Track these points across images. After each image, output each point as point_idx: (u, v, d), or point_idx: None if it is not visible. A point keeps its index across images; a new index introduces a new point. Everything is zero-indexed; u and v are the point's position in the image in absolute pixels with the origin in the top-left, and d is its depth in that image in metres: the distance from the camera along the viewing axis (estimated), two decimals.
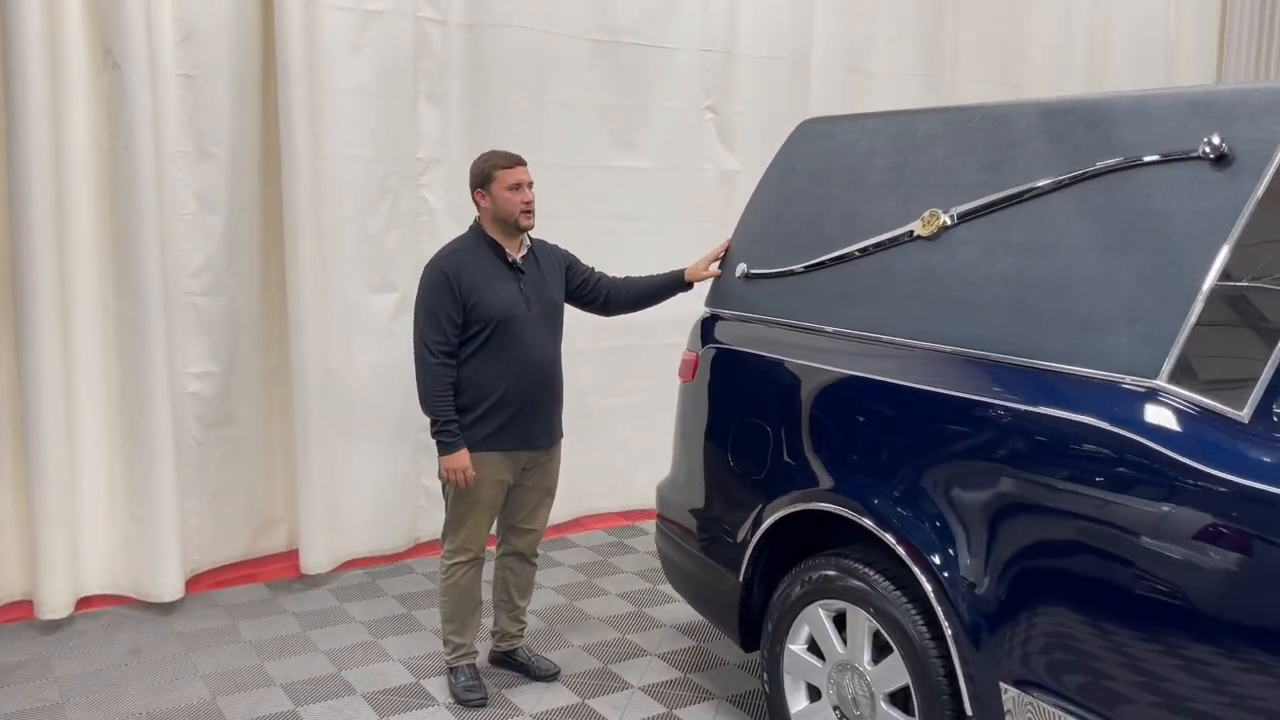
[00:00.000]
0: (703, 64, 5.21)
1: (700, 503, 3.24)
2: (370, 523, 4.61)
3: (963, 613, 2.34)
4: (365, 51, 4.32)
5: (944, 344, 2.52)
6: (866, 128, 2.97)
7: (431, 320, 3.16)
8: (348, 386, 4.46)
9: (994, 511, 2.30)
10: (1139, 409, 2.09)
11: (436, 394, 3.17)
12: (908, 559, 2.46)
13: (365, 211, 4.42)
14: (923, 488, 2.46)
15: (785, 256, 3.07)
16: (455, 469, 3.19)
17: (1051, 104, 2.50)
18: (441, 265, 3.19)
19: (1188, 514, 1.96)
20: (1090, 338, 2.24)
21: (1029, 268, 2.39)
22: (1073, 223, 2.35)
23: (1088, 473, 2.13)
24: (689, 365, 3.33)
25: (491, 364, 3.19)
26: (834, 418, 2.72)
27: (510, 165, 3.21)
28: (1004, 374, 2.35)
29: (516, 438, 3.27)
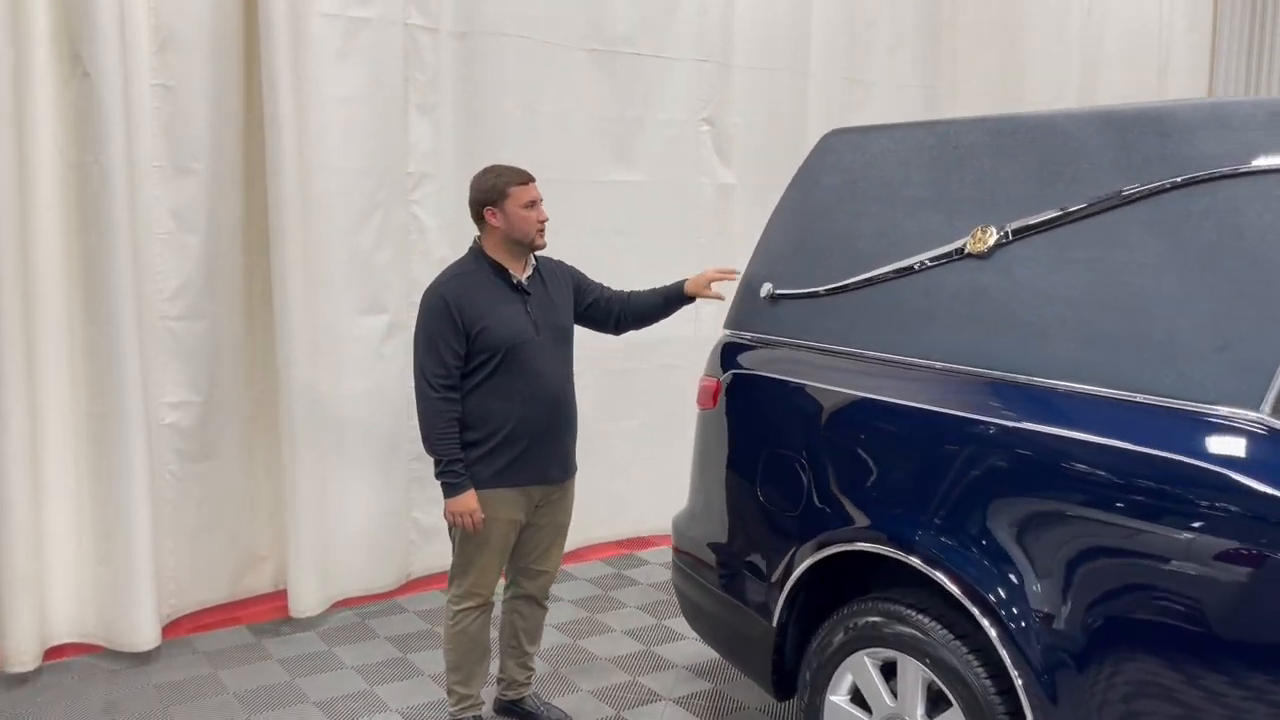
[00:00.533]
0: (699, 74, 5.02)
1: (724, 538, 3.02)
2: (361, 560, 4.34)
3: (1035, 663, 2.14)
4: (353, 60, 4.09)
5: (1004, 371, 2.32)
6: (900, 139, 2.79)
7: (431, 351, 2.93)
8: (336, 414, 4.20)
9: (1074, 555, 2.09)
10: (1239, 444, 1.90)
11: (439, 431, 2.93)
12: (970, 604, 2.25)
13: (354, 228, 4.17)
14: (988, 529, 2.25)
15: (816, 276, 2.87)
16: (462, 512, 2.95)
17: (1113, 113, 2.32)
18: (441, 291, 2.96)
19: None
20: (1173, 365, 2.05)
21: (1098, 288, 2.21)
22: (1146, 239, 2.17)
23: (1181, 513, 1.93)
24: (709, 392, 3.12)
25: (499, 394, 2.96)
26: (881, 451, 2.51)
27: (525, 181, 3.00)
28: (1078, 405, 2.16)
29: (529, 473, 3.03)
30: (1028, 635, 2.15)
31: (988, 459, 2.26)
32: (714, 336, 5.22)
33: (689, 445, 5.26)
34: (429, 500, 4.53)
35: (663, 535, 5.23)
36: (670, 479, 5.21)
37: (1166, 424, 2.02)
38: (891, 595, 2.52)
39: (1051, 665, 2.12)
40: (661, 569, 4.86)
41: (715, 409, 3.07)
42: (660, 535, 5.23)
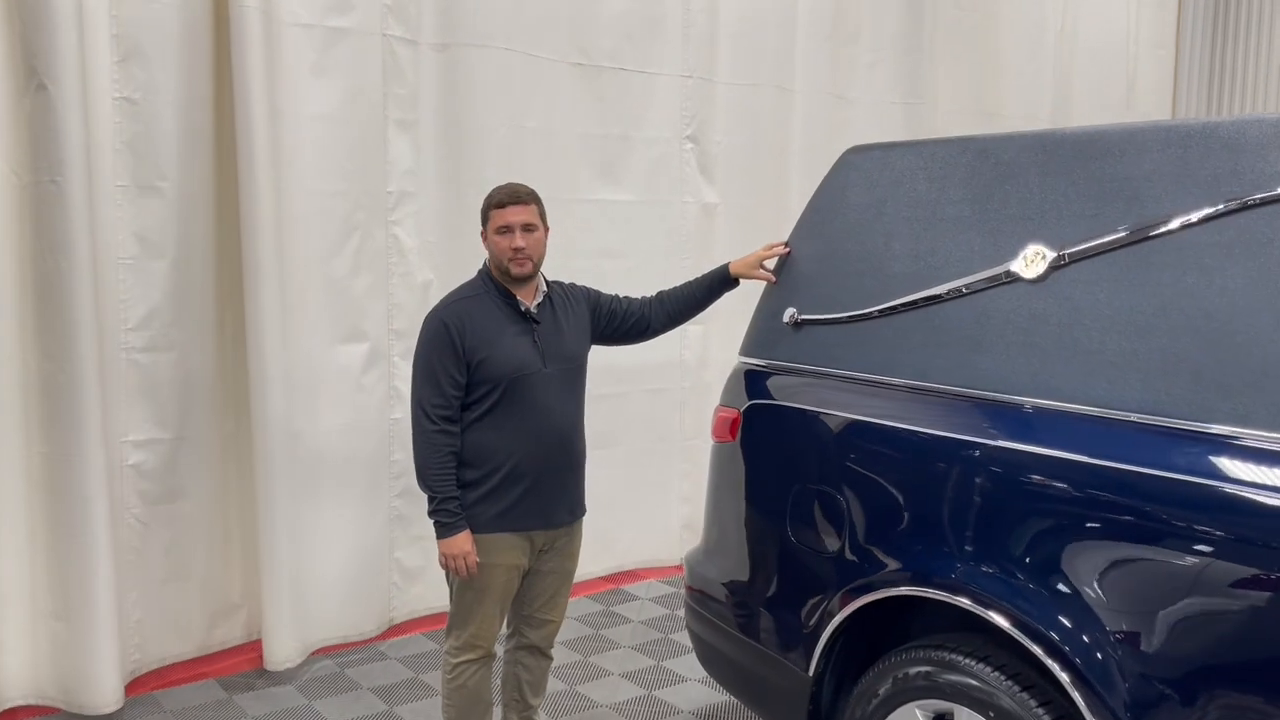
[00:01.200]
0: (683, 90, 4.86)
1: (748, 580, 2.83)
2: (340, 605, 4.07)
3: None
4: (330, 73, 3.85)
5: (1070, 403, 2.16)
6: (931, 155, 2.63)
7: (429, 380, 2.72)
8: (314, 451, 3.94)
9: (1164, 605, 1.94)
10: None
11: (435, 466, 2.71)
12: (1051, 660, 2.08)
13: (331, 252, 3.92)
14: (1062, 573, 2.08)
15: (845, 300, 2.70)
16: (456, 555, 2.72)
17: (1172, 128, 2.18)
18: (442, 316, 2.75)
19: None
20: (1265, 396, 1.91)
21: (1173, 314, 2.06)
22: (1226, 261, 2.03)
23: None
24: (727, 423, 2.93)
25: (501, 430, 2.75)
26: (941, 490, 2.33)
27: (504, 203, 2.78)
28: (1159, 440, 2.00)
29: (533, 516, 2.81)
30: (1115, 695, 1.99)
31: (1068, 500, 2.09)
32: (702, 359, 5.06)
33: (678, 474, 5.08)
34: (412, 540, 4.28)
35: (651, 568, 5.03)
36: (658, 509, 5.01)
37: (1258, 460, 1.87)
38: (944, 641, 2.34)
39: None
40: (652, 604, 4.66)
41: (735, 442, 2.89)
42: (648, 568, 5.02)
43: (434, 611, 4.37)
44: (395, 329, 4.16)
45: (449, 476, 2.72)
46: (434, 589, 4.33)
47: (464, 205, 4.25)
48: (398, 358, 4.18)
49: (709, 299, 3.13)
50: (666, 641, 4.24)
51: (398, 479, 4.22)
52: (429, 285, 4.23)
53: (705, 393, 5.11)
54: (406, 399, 4.20)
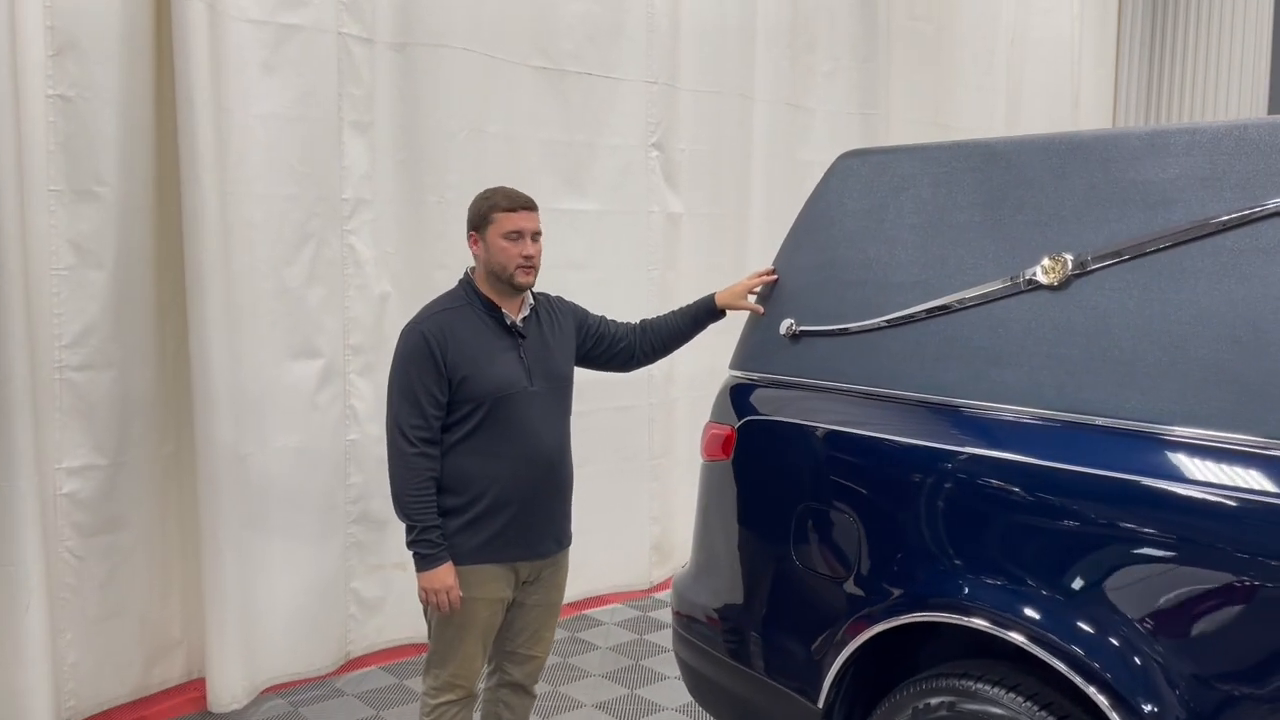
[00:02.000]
0: (647, 96, 4.72)
1: (745, 605, 2.67)
2: (293, 639, 3.81)
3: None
4: (281, 72, 3.62)
5: (1103, 416, 2.05)
6: (934, 159, 2.52)
7: (408, 399, 2.51)
8: (264, 475, 3.68)
9: (1218, 632, 1.83)
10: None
11: (414, 492, 2.50)
12: (1094, 690, 1.95)
13: (283, 262, 3.68)
14: (1105, 598, 1.96)
15: (848, 310, 2.56)
16: (437, 589, 2.52)
17: (1196, 130, 2.09)
18: (421, 329, 2.55)
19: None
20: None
21: (1212, 323, 1.96)
22: (1268, 266, 1.94)
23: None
24: (719, 440, 2.77)
25: (484, 453, 2.55)
26: (959, 506, 2.20)
27: (513, 208, 2.60)
28: (1206, 454, 1.90)
29: (518, 546, 2.62)
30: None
31: (1106, 519, 1.97)
32: (669, 375, 4.89)
33: (647, 494, 4.90)
34: (370, 569, 4.03)
35: (617, 593, 4.84)
36: (627, 531, 4.83)
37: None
38: (967, 669, 2.21)
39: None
40: (619, 629, 4.47)
41: (730, 460, 2.73)
42: (615, 593, 4.83)
43: (394, 644, 4.13)
44: (351, 344, 3.92)
45: (429, 504, 2.52)
46: (394, 620, 4.09)
47: (423, 213, 4.04)
48: (354, 375, 3.95)
49: (694, 330, 2.97)
50: (638, 669, 4.06)
51: (355, 503, 3.98)
52: (387, 298, 4.00)
53: (673, 409, 4.95)
54: (363, 418, 3.98)
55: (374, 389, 3.98)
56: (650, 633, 4.41)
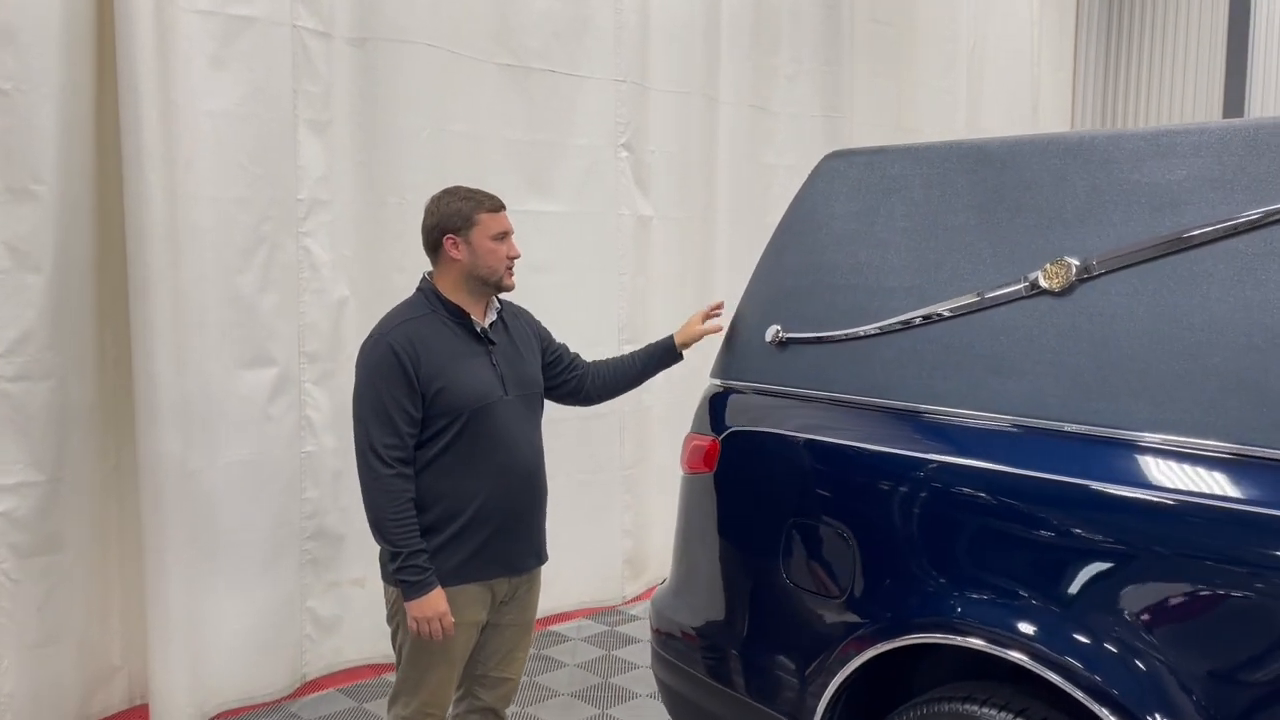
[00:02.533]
0: (616, 95, 4.59)
1: (731, 625, 2.55)
2: (244, 662, 3.61)
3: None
4: (232, 67, 3.44)
5: (1115, 428, 1.96)
6: (927, 160, 2.43)
7: (381, 418, 2.36)
8: (213, 491, 3.49)
9: (1249, 654, 1.74)
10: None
11: (394, 516, 2.35)
12: (1098, 707, 1.86)
13: (235, 266, 3.49)
14: (1124, 619, 1.87)
15: (838, 317, 2.46)
16: (429, 616, 2.35)
17: (1204, 130, 2.02)
18: (389, 340, 2.39)
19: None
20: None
21: (1230, 330, 1.88)
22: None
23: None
24: (702, 452, 2.66)
25: (462, 468, 2.42)
26: (963, 521, 2.10)
27: (497, 209, 2.50)
28: (1228, 468, 1.82)
29: (497, 563, 2.49)
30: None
31: (1131, 538, 1.88)
32: (650, 381, 4.73)
33: (620, 506, 4.76)
34: (327, 587, 3.85)
35: (583, 609, 4.69)
36: (599, 544, 4.68)
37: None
38: (971, 692, 2.11)
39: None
40: (586, 646, 4.33)
41: (713, 473, 2.61)
42: (581, 609, 4.69)
43: (352, 665, 3.95)
44: (307, 352, 3.74)
45: (412, 527, 2.36)
46: (352, 641, 3.91)
47: (383, 215, 3.87)
48: (310, 384, 3.77)
49: (645, 373, 2.90)
50: (607, 687, 3.93)
51: (310, 519, 3.80)
52: (345, 303, 3.83)
53: (647, 417, 4.83)
54: (320, 429, 3.79)
55: (331, 399, 3.80)
56: (619, 648, 4.28)
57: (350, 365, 3.74)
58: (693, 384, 5.01)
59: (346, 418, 3.76)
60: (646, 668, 4.04)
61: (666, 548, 4.91)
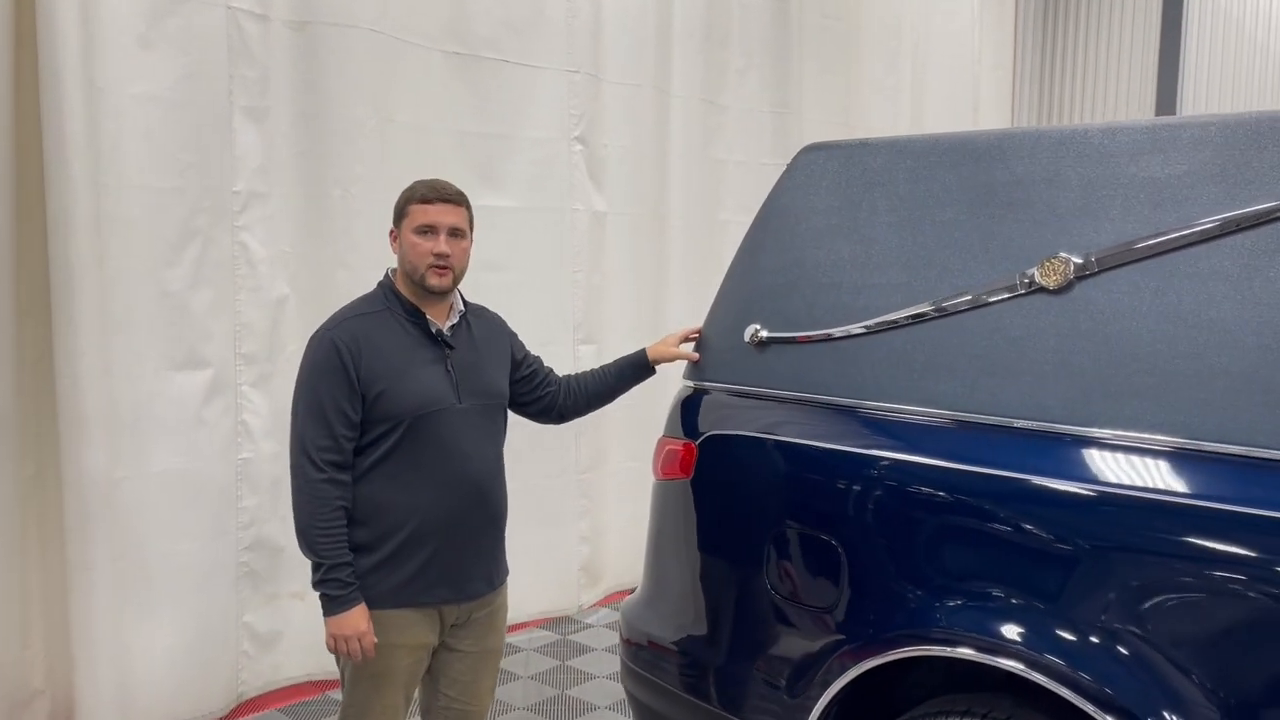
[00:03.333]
0: (569, 87, 4.44)
1: (711, 637, 2.43)
2: (176, 682, 3.38)
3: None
4: (161, 48, 3.21)
5: (1121, 430, 1.89)
6: (912, 153, 2.34)
7: (316, 417, 2.19)
8: (141, 502, 3.26)
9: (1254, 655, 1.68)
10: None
11: (322, 524, 2.16)
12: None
13: (165, 262, 3.27)
14: (1135, 629, 1.80)
15: (821, 315, 2.35)
16: (348, 635, 2.18)
17: (1206, 124, 1.96)
18: (333, 336, 2.23)
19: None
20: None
21: (1240, 330, 1.82)
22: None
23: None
24: (676, 457, 2.53)
25: (404, 480, 2.24)
26: (975, 533, 2.01)
27: (427, 199, 2.29)
28: (1243, 472, 1.75)
29: (441, 586, 2.29)
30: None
31: (1145, 544, 1.80)
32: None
33: (575, 512, 4.61)
34: (265, 600, 3.64)
35: (538, 619, 4.53)
36: (554, 551, 4.53)
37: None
38: (969, 707, 2.02)
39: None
40: (540, 656, 4.18)
41: (690, 479, 2.49)
42: (535, 619, 4.53)
43: (293, 682, 3.74)
44: (244, 353, 3.53)
45: (339, 538, 2.18)
46: (292, 657, 3.70)
47: (325, 208, 3.68)
48: (246, 387, 3.55)
49: (620, 388, 2.71)
50: (564, 700, 3.78)
51: (247, 529, 3.58)
52: (284, 301, 3.62)
53: (601, 422, 4.68)
54: (258, 435, 3.58)
55: (270, 402, 3.59)
56: (574, 658, 4.13)
57: (291, 366, 3.56)
58: (651, 387, 4.90)
59: (286, 423, 3.54)
60: (604, 678, 3.92)
61: (623, 554, 4.81)
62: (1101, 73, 8.14)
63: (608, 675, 3.95)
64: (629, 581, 4.89)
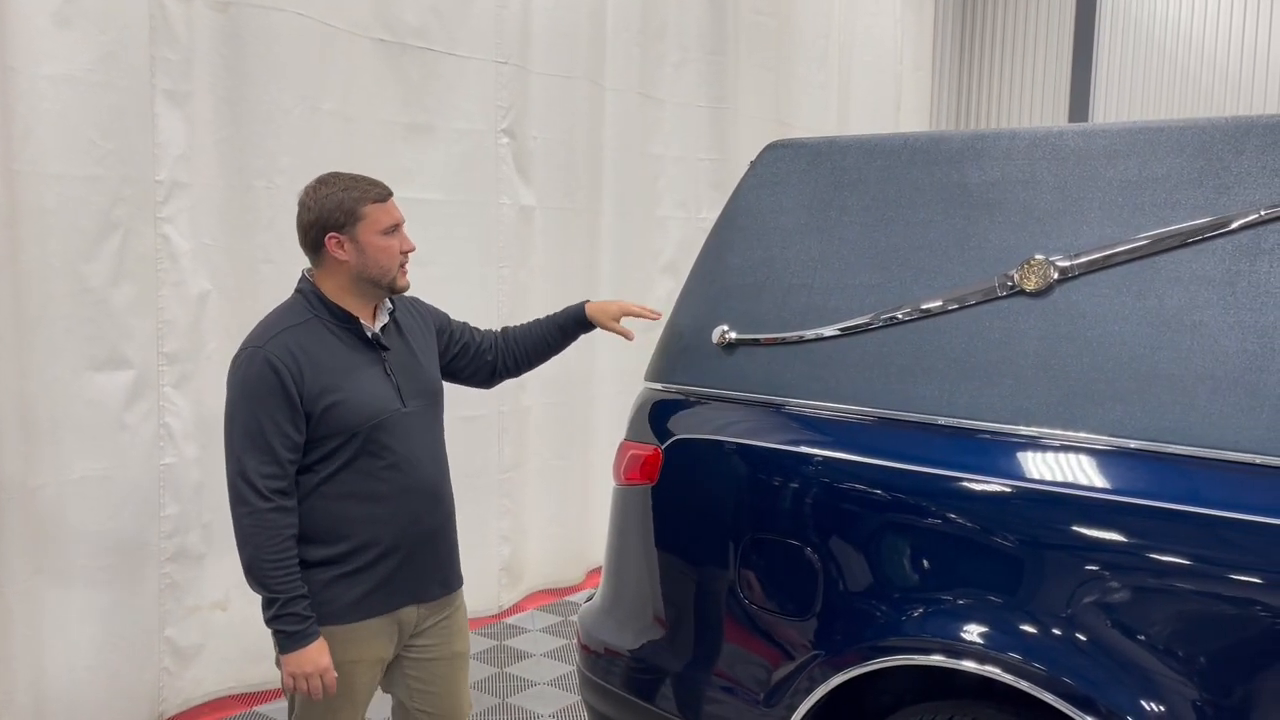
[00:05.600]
0: (497, 77, 4.32)
1: (678, 647, 2.37)
2: (94, 700, 3.18)
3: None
4: (78, 26, 3.00)
5: (1113, 436, 1.88)
6: (881, 151, 2.32)
7: (257, 445, 2.05)
8: (58, 510, 3.05)
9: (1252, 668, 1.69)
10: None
11: (273, 557, 2.04)
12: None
13: (83, 255, 3.06)
14: (1130, 638, 1.80)
15: (792, 317, 2.31)
16: (309, 673, 2.07)
17: (1185, 127, 1.97)
18: (266, 353, 2.07)
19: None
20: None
21: (1229, 333, 1.83)
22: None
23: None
24: (639, 463, 2.46)
25: (360, 493, 2.14)
26: (947, 538, 1.99)
27: (384, 198, 2.18)
28: (1238, 480, 1.76)
29: (402, 591, 2.21)
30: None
31: (1134, 549, 1.80)
32: (521, 383, 4.46)
33: (496, 511, 4.50)
34: (187, 612, 3.45)
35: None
36: (474, 552, 4.40)
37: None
38: (952, 715, 2.01)
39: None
40: (476, 664, 4.06)
41: (655, 485, 2.42)
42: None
43: (214, 696, 3.56)
44: (166, 352, 3.33)
45: (292, 569, 2.06)
46: (214, 670, 3.53)
47: (250, 200, 3.50)
48: (169, 388, 3.36)
49: (563, 343, 2.61)
50: (506, 709, 3.68)
51: (170, 538, 3.39)
52: (206, 297, 3.43)
53: (526, 419, 4.58)
54: (180, 439, 3.39)
55: (191, 404, 3.41)
56: (511, 664, 4.03)
57: (212, 365, 3.41)
58: (574, 385, 4.83)
59: (208, 425, 3.41)
60: (545, 684, 3.83)
61: (544, 554, 4.73)
62: (1016, 77, 8.34)
63: (549, 682, 3.86)
64: (550, 581, 4.82)
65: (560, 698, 3.71)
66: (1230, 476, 1.75)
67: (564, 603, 4.71)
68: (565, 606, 4.67)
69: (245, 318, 3.48)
